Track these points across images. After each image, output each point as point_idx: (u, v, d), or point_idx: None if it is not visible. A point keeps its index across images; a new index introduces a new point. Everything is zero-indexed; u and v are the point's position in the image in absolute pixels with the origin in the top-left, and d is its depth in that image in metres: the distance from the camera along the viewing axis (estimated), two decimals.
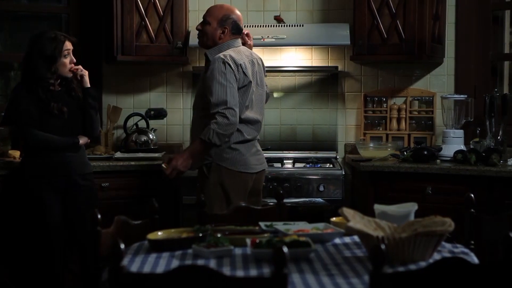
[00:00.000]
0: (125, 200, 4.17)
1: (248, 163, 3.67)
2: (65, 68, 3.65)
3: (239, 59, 3.61)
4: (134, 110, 4.81)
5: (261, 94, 3.79)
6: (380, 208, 2.46)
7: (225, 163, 3.62)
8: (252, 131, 3.70)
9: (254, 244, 2.28)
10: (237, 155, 3.63)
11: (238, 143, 3.64)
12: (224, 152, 3.61)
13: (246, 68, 3.63)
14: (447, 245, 2.43)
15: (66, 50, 3.64)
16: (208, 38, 3.73)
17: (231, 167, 3.62)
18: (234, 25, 3.72)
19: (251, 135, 3.69)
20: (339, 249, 2.41)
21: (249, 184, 3.69)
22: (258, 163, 3.74)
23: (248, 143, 3.68)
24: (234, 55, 3.62)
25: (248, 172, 3.67)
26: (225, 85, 3.51)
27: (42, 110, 3.60)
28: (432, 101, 4.74)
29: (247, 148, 3.67)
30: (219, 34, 3.70)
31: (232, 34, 3.72)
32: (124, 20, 4.46)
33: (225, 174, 3.62)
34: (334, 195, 4.18)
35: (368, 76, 4.81)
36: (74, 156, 3.69)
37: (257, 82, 3.75)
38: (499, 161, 3.98)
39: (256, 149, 3.75)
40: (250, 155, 3.69)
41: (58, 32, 3.73)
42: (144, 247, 2.43)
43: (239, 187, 3.63)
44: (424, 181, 4.03)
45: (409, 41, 4.39)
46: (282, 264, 1.69)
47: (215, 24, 3.70)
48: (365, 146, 4.49)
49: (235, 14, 3.76)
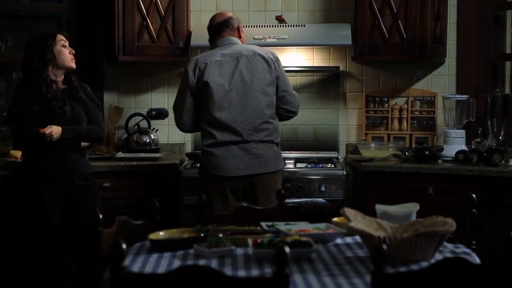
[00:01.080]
0: (127, 200, 4.17)
1: (224, 166, 3.58)
2: (65, 57, 3.65)
3: (202, 61, 3.67)
4: (136, 110, 4.81)
5: (247, 91, 3.63)
6: (381, 208, 2.46)
7: (201, 166, 3.68)
8: (226, 134, 3.60)
9: (256, 244, 2.28)
10: (212, 158, 3.60)
11: (210, 146, 3.61)
12: (202, 155, 3.66)
13: (206, 68, 3.63)
14: (448, 245, 2.42)
15: (62, 40, 3.66)
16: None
17: (204, 169, 3.65)
18: (208, 31, 3.84)
19: (227, 137, 3.59)
20: (340, 249, 2.41)
21: (225, 188, 3.59)
22: (243, 167, 3.59)
23: (226, 146, 3.59)
24: (203, 55, 3.74)
25: (223, 175, 3.58)
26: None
27: (44, 110, 3.60)
28: (434, 101, 4.74)
29: (225, 150, 3.59)
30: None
31: (212, 37, 3.81)
32: (125, 20, 4.46)
33: (201, 177, 3.68)
34: (336, 195, 4.18)
35: (369, 76, 4.81)
36: (75, 156, 3.69)
37: (238, 79, 3.64)
38: (501, 161, 3.98)
39: (244, 152, 3.61)
40: (232, 157, 3.59)
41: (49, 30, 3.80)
42: (145, 247, 2.43)
43: (213, 190, 3.57)
44: (426, 181, 4.02)
45: (411, 41, 4.39)
46: (283, 264, 1.69)
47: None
48: (366, 146, 4.49)
49: (212, 20, 3.84)
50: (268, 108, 3.67)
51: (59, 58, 3.64)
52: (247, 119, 3.61)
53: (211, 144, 3.60)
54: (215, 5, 4.82)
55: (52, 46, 3.62)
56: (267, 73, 3.68)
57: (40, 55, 3.59)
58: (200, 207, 2.91)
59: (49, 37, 3.65)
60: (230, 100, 3.61)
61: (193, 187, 4.17)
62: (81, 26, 4.80)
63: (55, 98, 3.61)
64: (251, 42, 4.48)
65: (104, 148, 4.49)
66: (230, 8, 4.81)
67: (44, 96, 3.59)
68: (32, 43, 3.65)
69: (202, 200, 2.93)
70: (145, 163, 4.28)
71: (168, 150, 4.78)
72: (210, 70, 3.63)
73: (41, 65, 3.59)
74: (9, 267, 3.94)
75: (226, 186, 3.59)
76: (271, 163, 3.64)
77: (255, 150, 3.61)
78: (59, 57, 3.63)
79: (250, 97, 3.63)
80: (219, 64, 3.65)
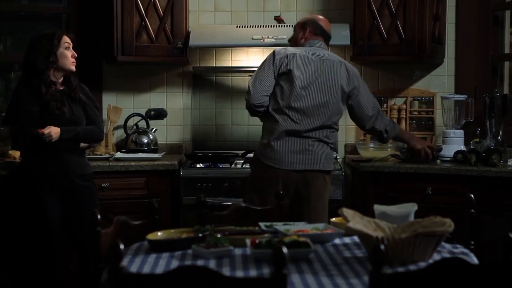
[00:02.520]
0: (125, 200, 4.17)
1: (276, 157, 3.60)
2: (67, 60, 3.65)
3: (283, 52, 3.71)
4: (134, 111, 4.81)
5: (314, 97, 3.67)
6: (380, 209, 2.46)
7: (258, 155, 3.65)
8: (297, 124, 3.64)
9: (254, 244, 2.28)
10: (267, 147, 3.62)
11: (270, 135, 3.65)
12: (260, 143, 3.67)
13: (292, 60, 3.67)
14: (447, 246, 2.43)
15: (66, 43, 3.65)
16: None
17: (261, 158, 3.63)
18: (321, 32, 3.86)
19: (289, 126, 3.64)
20: (338, 250, 2.41)
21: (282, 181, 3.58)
22: (293, 161, 3.61)
23: (281, 139, 3.62)
24: (291, 49, 3.76)
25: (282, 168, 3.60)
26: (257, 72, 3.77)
27: (43, 110, 3.60)
28: (432, 101, 4.74)
29: (285, 142, 3.62)
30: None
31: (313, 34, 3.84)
32: (124, 21, 4.46)
33: (259, 167, 3.64)
34: (334, 195, 4.18)
35: (368, 76, 4.81)
36: (74, 157, 3.68)
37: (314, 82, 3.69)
38: (499, 161, 3.98)
39: (295, 147, 3.63)
40: (285, 151, 3.61)
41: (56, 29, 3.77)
42: (143, 248, 2.43)
43: (272, 182, 3.56)
44: (424, 181, 4.02)
45: (409, 42, 4.39)
46: (281, 264, 1.69)
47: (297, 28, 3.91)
48: (365, 146, 4.49)
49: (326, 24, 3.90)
50: (337, 114, 3.74)
51: (61, 61, 3.63)
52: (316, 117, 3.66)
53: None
54: (213, 5, 4.82)
55: (57, 48, 3.61)
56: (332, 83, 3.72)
57: (44, 56, 3.58)
58: (199, 207, 2.91)
59: (55, 37, 3.63)
60: (307, 95, 3.65)
61: (192, 187, 4.17)
62: (80, 26, 4.80)
63: (53, 99, 3.61)
64: (250, 42, 4.50)
65: (102, 149, 4.49)
66: (229, 8, 4.82)
67: (43, 97, 3.59)
68: (38, 42, 3.63)
69: (201, 200, 2.93)
70: (143, 163, 4.27)
71: (167, 151, 4.78)
72: (296, 61, 3.66)
73: (44, 66, 3.59)
74: (8, 268, 3.93)
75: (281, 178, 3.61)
76: (324, 162, 3.67)
77: (310, 147, 3.64)
78: (61, 60, 3.63)
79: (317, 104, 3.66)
80: (305, 59, 3.68)
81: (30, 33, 4.40)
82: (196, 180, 4.11)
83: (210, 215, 2.95)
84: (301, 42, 3.80)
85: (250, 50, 4.80)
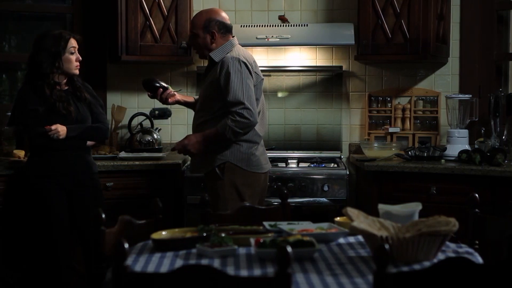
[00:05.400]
0: (129, 199, 4.17)
1: (260, 163, 3.67)
2: (71, 65, 3.65)
3: (249, 58, 3.62)
4: (139, 110, 4.81)
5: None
6: (384, 208, 2.46)
7: (240, 164, 3.60)
8: (262, 129, 3.70)
9: (258, 243, 2.28)
10: (251, 156, 3.62)
11: (253, 143, 3.63)
12: (239, 153, 3.61)
13: (256, 67, 3.66)
14: (451, 245, 2.42)
15: (72, 47, 3.65)
16: (203, 48, 3.69)
17: (246, 167, 3.61)
18: (220, 26, 3.66)
19: (262, 132, 3.71)
20: (343, 249, 2.40)
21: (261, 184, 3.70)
22: (266, 163, 3.74)
23: (259, 144, 3.68)
24: (244, 54, 3.62)
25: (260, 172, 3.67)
26: (242, 85, 3.49)
27: (49, 110, 3.60)
28: (437, 100, 4.74)
29: (260, 147, 3.68)
30: (209, 40, 3.66)
31: (223, 34, 3.67)
32: (128, 20, 4.46)
33: (239, 175, 3.61)
34: (339, 195, 4.18)
35: (372, 76, 4.81)
36: (80, 155, 3.69)
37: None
38: (504, 161, 3.97)
39: (263, 148, 3.76)
40: (261, 154, 3.69)
41: (63, 30, 3.76)
42: (148, 247, 2.44)
43: (252, 187, 3.62)
44: (429, 181, 4.02)
45: (414, 41, 4.39)
46: (286, 263, 1.69)
47: (201, 33, 3.65)
48: (369, 146, 4.49)
49: (217, 15, 3.68)
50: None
51: (66, 65, 3.63)
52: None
53: (254, 141, 3.66)
54: (218, 5, 4.81)
55: (63, 53, 3.61)
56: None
57: (50, 59, 3.58)
58: (203, 207, 2.91)
59: (62, 40, 3.62)
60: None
61: (196, 186, 4.17)
62: (85, 26, 4.80)
63: (59, 100, 3.61)
64: (254, 42, 4.50)
65: (107, 148, 4.49)
66: (233, 8, 4.82)
67: (49, 97, 3.59)
68: (44, 45, 3.61)
69: (205, 199, 2.93)
70: (148, 162, 4.28)
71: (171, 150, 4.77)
72: (257, 67, 3.69)
73: (48, 70, 3.59)
74: (13, 267, 3.94)
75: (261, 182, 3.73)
76: None
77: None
78: (65, 65, 3.63)
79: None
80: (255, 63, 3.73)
81: (34, 33, 4.40)
82: (200, 179, 4.10)
83: (213, 214, 2.95)
84: (213, 47, 3.66)
85: (254, 50, 4.79)
